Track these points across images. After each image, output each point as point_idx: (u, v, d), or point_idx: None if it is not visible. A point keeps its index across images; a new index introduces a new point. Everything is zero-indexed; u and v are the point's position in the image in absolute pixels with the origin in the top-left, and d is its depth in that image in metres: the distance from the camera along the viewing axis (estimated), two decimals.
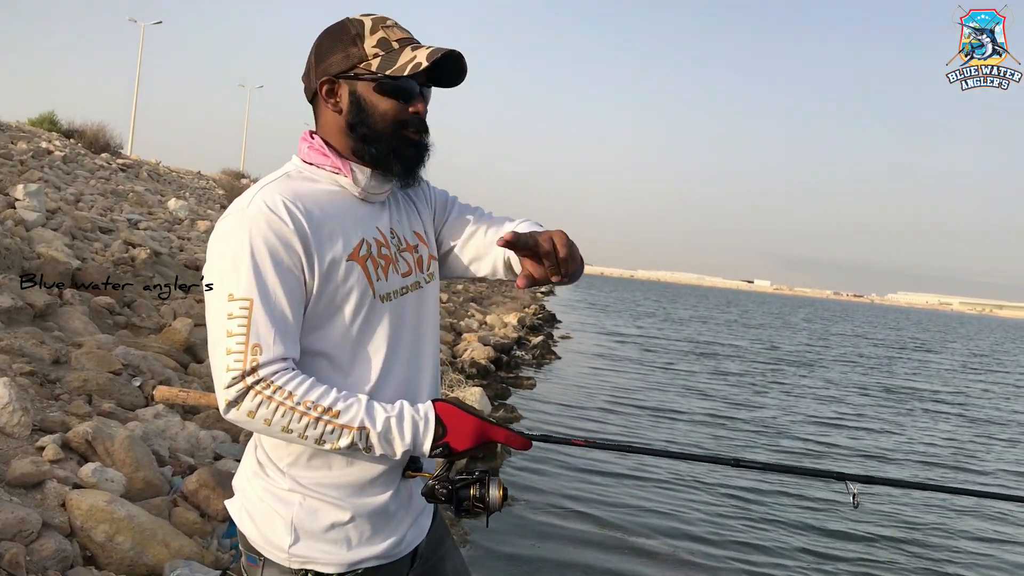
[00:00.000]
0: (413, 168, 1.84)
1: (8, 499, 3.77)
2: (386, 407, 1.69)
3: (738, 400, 15.76)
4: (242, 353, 1.61)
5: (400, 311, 1.86)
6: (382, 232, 1.87)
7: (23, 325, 6.35)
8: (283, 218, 1.68)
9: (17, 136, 19.45)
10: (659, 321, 42.05)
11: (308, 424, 1.62)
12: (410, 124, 1.81)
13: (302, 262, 1.69)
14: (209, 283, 1.68)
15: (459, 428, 1.71)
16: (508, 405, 11.56)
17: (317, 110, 1.86)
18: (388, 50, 1.77)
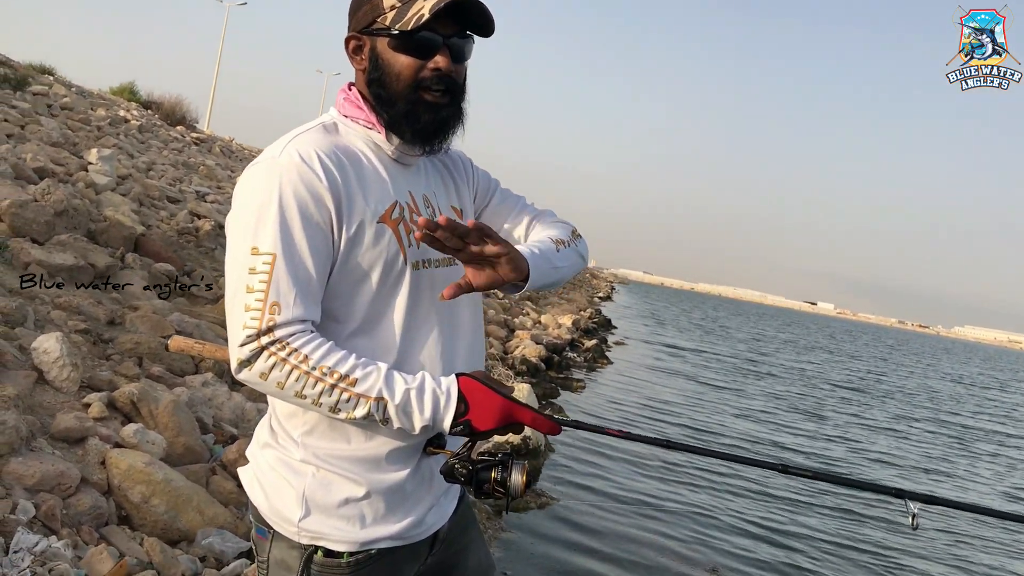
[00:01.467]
0: (429, 135, 1.70)
1: (50, 451, 3.79)
2: (406, 378, 1.58)
3: (791, 423, 15.28)
4: (259, 311, 1.52)
5: (433, 282, 1.74)
6: (415, 198, 1.76)
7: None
8: (316, 171, 1.59)
9: (97, 103, 19.90)
10: (717, 336, 41.45)
11: (323, 391, 1.53)
12: (429, 83, 1.66)
13: (332, 220, 1.60)
14: (232, 232, 1.60)
15: (483, 405, 1.59)
16: (556, 405, 11.47)
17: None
18: (405, 1, 1.64)
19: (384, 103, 1.69)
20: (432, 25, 1.62)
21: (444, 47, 1.66)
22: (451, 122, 1.71)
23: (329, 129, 1.72)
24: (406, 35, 1.63)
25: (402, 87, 1.66)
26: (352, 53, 1.74)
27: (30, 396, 4.13)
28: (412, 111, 1.67)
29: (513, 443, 7.63)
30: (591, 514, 7.25)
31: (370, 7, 1.68)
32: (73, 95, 18.41)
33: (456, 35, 1.67)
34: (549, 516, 6.91)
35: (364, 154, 1.71)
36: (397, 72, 1.66)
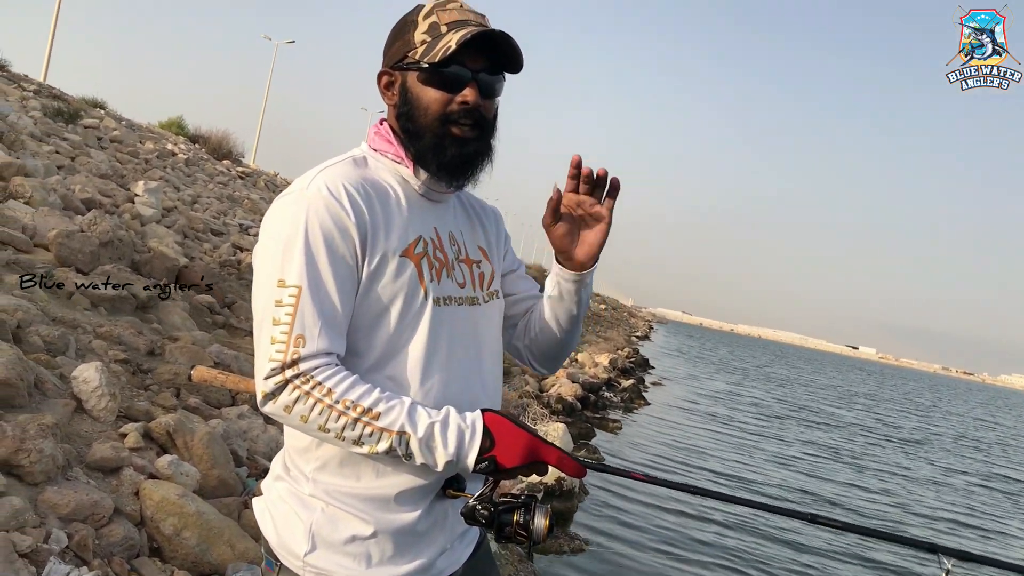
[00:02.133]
0: (455, 169, 1.70)
1: (85, 481, 3.81)
2: (430, 412, 1.57)
3: (828, 471, 14.91)
4: (284, 344, 1.51)
5: (454, 320, 1.73)
6: (440, 234, 1.76)
7: (125, 315, 6.51)
8: (343, 203, 1.59)
9: (146, 136, 20.30)
10: (755, 379, 40.97)
11: (346, 424, 1.52)
12: (457, 117, 1.66)
13: (357, 252, 1.59)
14: (259, 263, 1.60)
15: (508, 442, 1.56)
16: (591, 446, 11.37)
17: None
18: (435, 35, 1.65)
19: (412, 136, 1.69)
20: (461, 59, 1.63)
21: (473, 81, 1.66)
22: (478, 157, 1.71)
23: (358, 162, 1.72)
24: (435, 68, 1.64)
25: (430, 120, 1.67)
26: (384, 89, 1.75)
27: (68, 425, 4.16)
28: (439, 144, 1.67)
29: (546, 484, 7.56)
30: (623, 559, 7.15)
31: (402, 43, 1.69)
32: (123, 128, 18.80)
33: (485, 71, 1.67)
34: (582, 561, 6.82)
35: (392, 188, 1.71)
36: (425, 105, 1.67)
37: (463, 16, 1.67)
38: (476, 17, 1.68)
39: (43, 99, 16.64)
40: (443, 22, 1.66)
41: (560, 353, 1.99)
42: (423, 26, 1.67)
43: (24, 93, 16.34)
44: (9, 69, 19.14)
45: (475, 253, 1.86)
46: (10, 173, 8.56)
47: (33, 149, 10.62)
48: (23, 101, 15.11)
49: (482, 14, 1.71)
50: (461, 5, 1.69)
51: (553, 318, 1.90)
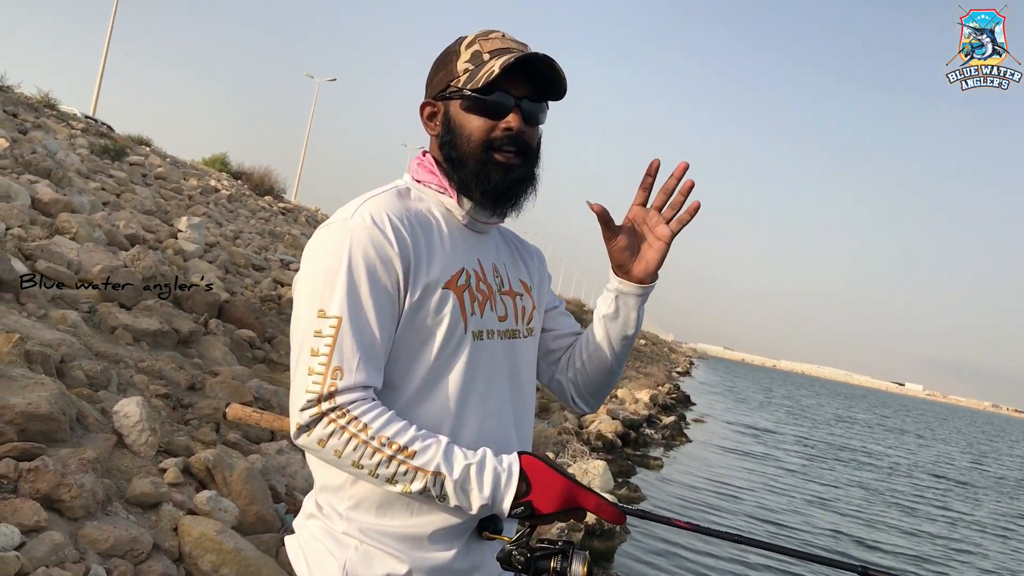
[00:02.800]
0: (498, 196, 1.67)
1: (125, 516, 3.80)
2: (467, 453, 1.53)
3: (877, 516, 14.34)
4: (322, 375, 1.48)
5: (493, 354, 1.70)
6: (483, 266, 1.73)
7: (166, 349, 6.55)
8: (387, 234, 1.56)
9: (190, 173, 20.64)
10: (798, 416, 40.33)
11: (380, 462, 1.48)
12: (500, 143, 1.64)
13: (400, 284, 1.57)
14: (299, 293, 1.58)
15: (545, 487, 1.51)
16: (632, 484, 11.21)
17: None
18: (477, 63, 1.64)
19: (455, 164, 1.67)
20: (504, 86, 1.62)
21: (516, 108, 1.64)
22: (522, 185, 1.68)
23: (402, 193, 1.70)
24: (478, 95, 1.63)
25: (473, 147, 1.64)
26: (426, 119, 1.74)
27: (109, 459, 4.16)
28: (482, 171, 1.64)
29: (587, 523, 7.45)
30: None
31: (445, 72, 1.68)
32: (167, 165, 19.13)
33: (528, 97, 1.66)
34: None
35: (435, 218, 1.69)
36: (468, 133, 1.65)
37: (505, 44, 1.65)
38: (518, 46, 1.67)
39: (90, 137, 16.98)
40: (486, 50, 1.64)
41: (606, 385, 1.93)
42: (465, 55, 1.66)
43: (72, 131, 16.68)
44: (59, 108, 19.58)
45: (517, 286, 1.83)
46: (57, 209, 8.70)
47: (80, 186, 10.81)
48: (72, 139, 15.42)
49: (524, 43, 1.69)
50: (503, 35, 1.68)
51: (605, 339, 1.84)
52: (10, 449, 3.65)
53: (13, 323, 5.23)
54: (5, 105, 14.90)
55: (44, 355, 4.66)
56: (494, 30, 1.69)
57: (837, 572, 1.63)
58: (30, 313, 5.71)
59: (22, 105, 16.35)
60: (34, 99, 18.62)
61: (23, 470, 3.54)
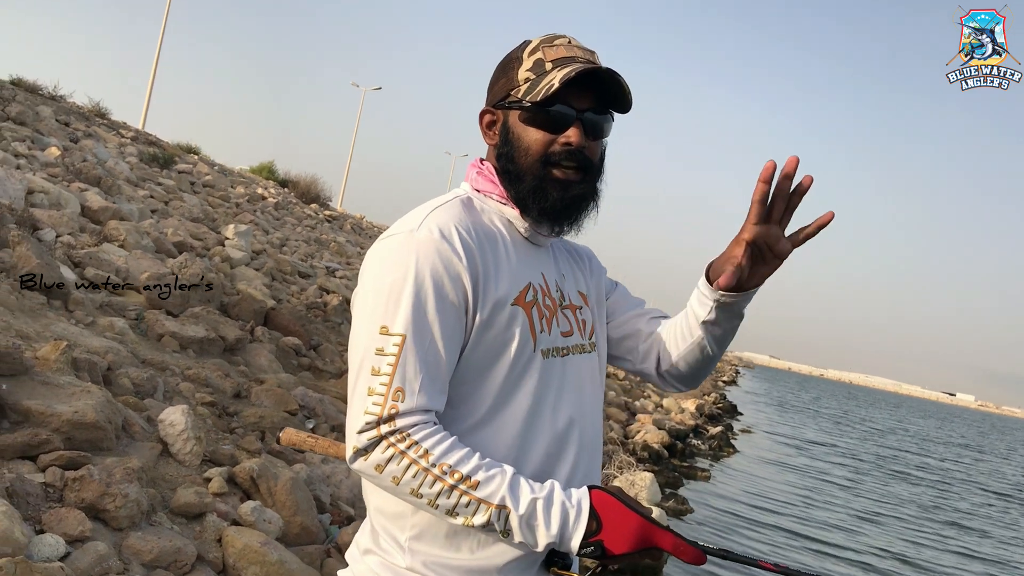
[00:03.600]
0: (557, 214, 1.58)
1: (169, 526, 3.76)
2: (534, 486, 1.42)
3: (935, 535, 13.71)
4: (382, 396, 1.39)
5: (561, 371, 1.60)
6: (547, 280, 1.64)
7: (212, 356, 6.54)
8: (456, 248, 1.47)
9: (237, 181, 20.84)
10: (848, 427, 39.59)
11: (441, 491, 1.38)
12: (559, 158, 1.55)
13: (468, 301, 1.47)
14: (360, 308, 1.49)
15: (617, 525, 1.40)
16: (679, 496, 11.02)
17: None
18: (539, 73, 1.55)
19: (512, 178, 1.59)
20: (566, 98, 1.53)
21: (577, 121, 1.55)
22: (582, 202, 1.59)
23: (466, 204, 1.61)
24: (537, 107, 1.54)
25: (530, 162, 1.56)
26: (485, 127, 1.66)
27: (154, 468, 4.13)
28: (540, 187, 1.56)
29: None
30: None
31: (506, 80, 1.60)
32: (215, 173, 19.33)
33: (591, 110, 1.56)
34: None
35: (500, 231, 1.60)
36: (526, 146, 1.56)
37: (570, 53, 1.56)
38: (584, 54, 1.57)
39: (140, 145, 17.20)
40: (548, 59, 1.55)
41: (705, 370, 1.83)
42: (527, 63, 1.57)
43: (122, 139, 16.91)
44: (109, 116, 19.88)
45: (576, 299, 1.73)
46: (106, 217, 8.77)
47: (129, 194, 10.91)
48: (121, 147, 15.62)
49: (591, 50, 1.60)
50: (569, 41, 1.59)
51: (707, 339, 1.73)
52: (56, 458, 3.63)
53: (62, 330, 5.25)
54: (58, 114, 15.14)
55: (91, 363, 4.66)
56: (560, 36, 1.60)
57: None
58: (78, 320, 5.73)
59: (74, 114, 16.61)
60: (85, 108, 18.93)
61: (69, 479, 3.52)
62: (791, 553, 9.89)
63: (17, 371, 3.97)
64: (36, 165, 9.68)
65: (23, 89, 16.20)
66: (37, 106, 14.56)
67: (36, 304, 5.59)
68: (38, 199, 7.94)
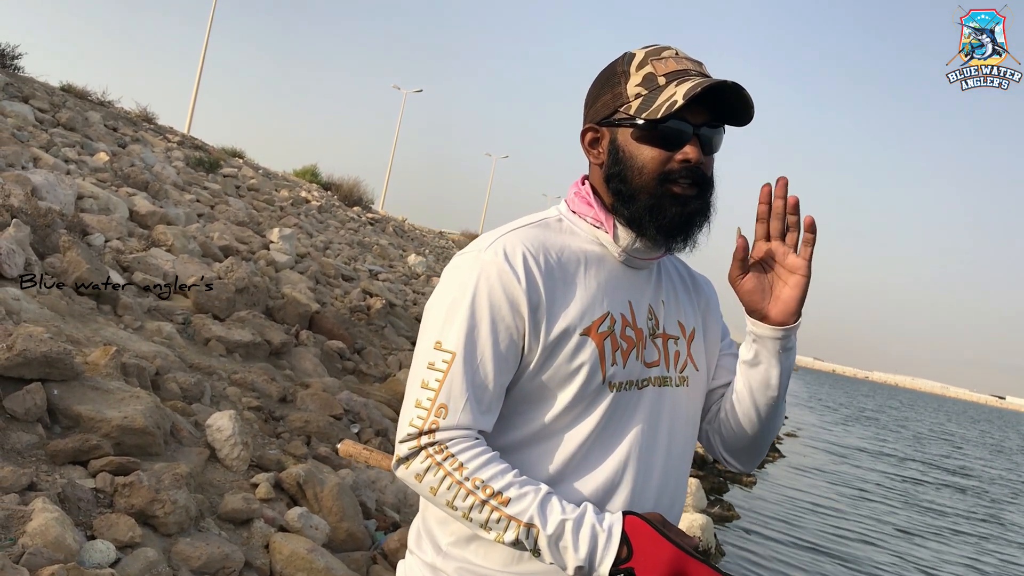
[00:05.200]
0: (674, 231, 1.51)
1: (217, 532, 3.77)
2: (565, 506, 1.40)
3: (1003, 555, 12.74)
4: (427, 410, 1.42)
5: (632, 405, 1.55)
6: (633, 308, 1.57)
7: (258, 361, 6.58)
8: (517, 272, 1.46)
9: (281, 184, 21.01)
10: (894, 432, 38.91)
11: (473, 505, 1.39)
12: (677, 176, 1.49)
13: (525, 327, 1.46)
14: (425, 319, 1.52)
15: (649, 554, 1.36)
16: (725, 502, 10.90)
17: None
18: (652, 88, 1.48)
19: (625, 199, 1.53)
20: (681, 114, 1.47)
21: (694, 137, 1.49)
22: (697, 217, 1.53)
23: (550, 226, 1.58)
24: (653, 124, 1.48)
25: (646, 180, 1.50)
26: (588, 146, 1.60)
27: (201, 474, 4.15)
28: (658, 205, 1.50)
29: None
30: None
31: (611, 96, 1.54)
32: (259, 177, 19.50)
33: (707, 124, 1.51)
34: None
35: (584, 256, 1.56)
36: (641, 164, 1.50)
37: (681, 66, 1.50)
38: (694, 65, 1.52)
39: (186, 150, 17.41)
40: (660, 73, 1.50)
41: (754, 443, 1.69)
42: (636, 78, 1.51)
43: (169, 144, 17.13)
44: (156, 121, 20.14)
45: (673, 328, 1.66)
46: (154, 221, 8.87)
47: (175, 198, 11.03)
48: (168, 152, 15.82)
49: (699, 61, 1.54)
50: (676, 53, 1.53)
51: (747, 390, 1.62)
52: (107, 463, 3.66)
53: (111, 335, 5.29)
54: (106, 120, 15.36)
55: (140, 368, 4.69)
56: (666, 47, 1.54)
57: None
58: (127, 325, 5.78)
59: (122, 119, 16.85)
60: (133, 113, 19.20)
61: (119, 485, 3.54)
62: (840, 567, 9.73)
63: (68, 376, 4.00)
64: (85, 170, 9.82)
65: (73, 95, 16.46)
66: (86, 112, 14.78)
67: (86, 309, 5.65)
68: (87, 204, 8.05)
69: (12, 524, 2.99)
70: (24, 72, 15.19)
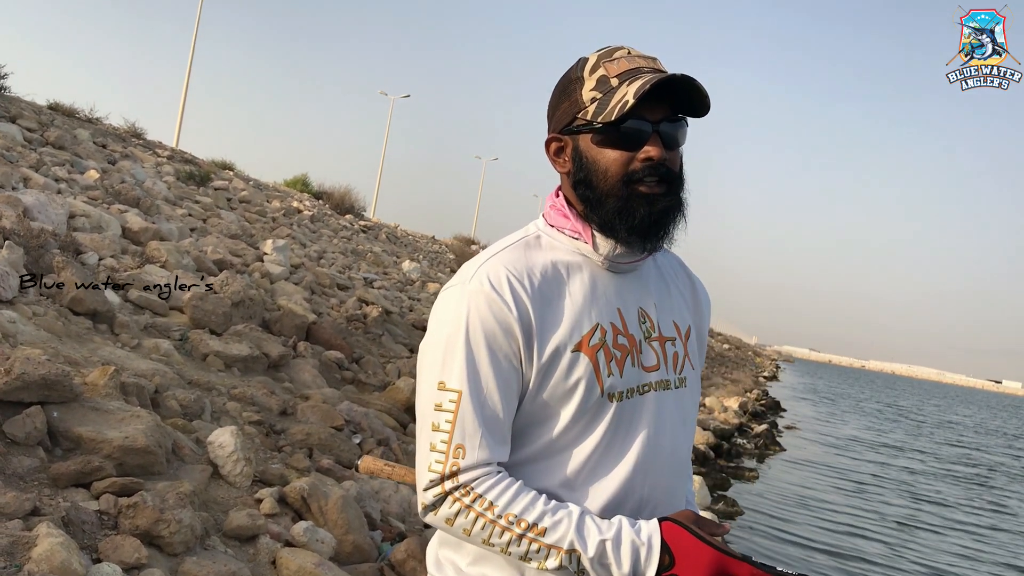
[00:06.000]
0: (645, 231, 1.49)
1: (223, 550, 3.75)
2: (601, 526, 1.41)
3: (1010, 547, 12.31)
4: (444, 454, 1.42)
5: (636, 413, 1.54)
6: (623, 315, 1.56)
7: (257, 374, 6.56)
8: (505, 299, 1.45)
9: (272, 195, 20.96)
10: (892, 420, 38.89)
11: (511, 540, 1.39)
12: (641, 175, 1.47)
13: (520, 351, 1.46)
14: (422, 361, 1.50)
15: (691, 558, 1.37)
16: (728, 498, 10.90)
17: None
18: (605, 90, 1.47)
19: (594, 205, 1.51)
20: (639, 112, 1.45)
21: (654, 134, 1.47)
22: (669, 214, 1.51)
23: (530, 244, 1.57)
24: (611, 127, 1.47)
25: (611, 183, 1.48)
26: (553, 156, 1.59)
27: (205, 491, 4.12)
28: (626, 207, 1.48)
29: None
30: None
31: (569, 104, 1.52)
32: (250, 188, 19.44)
33: (666, 119, 1.48)
34: None
35: (567, 270, 1.54)
36: (604, 168, 1.49)
37: (633, 64, 1.48)
38: (647, 62, 1.50)
39: (176, 164, 17.36)
40: (612, 74, 1.48)
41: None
42: (590, 82, 1.50)
43: (159, 159, 17.08)
44: (145, 137, 20.09)
45: (669, 329, 1.64)
46: (147, 238, 8.84)
47: (168, 213, 11.00)
48: (158, 167, 15.77)
49: (652, 57, 1.52)
50: (629, 52, 1.51)
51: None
52: (110, 484, 3.63)
53: (108, 354, 5.27)
54: (95, 137, 15.30)
55: (139, 386, 4.67)
56: (618, 47, 1.52)
57: None
58: (124, 343, 5.75)
59: (110, 136, 16.80)
60: (121, 129, 19.13)
61: (123, 506, 3.51)
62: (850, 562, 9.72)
63: (67, 398, 3.98)
64: (76, 189, 9.78)
65: (61, 113, 16.40)
66: (75, 129, 14.73)
67: (82, 329, 5.62)
68: (80, 223, 8.01)
69: (17, 550, 2.96)
70: (10, 92, 15.11)
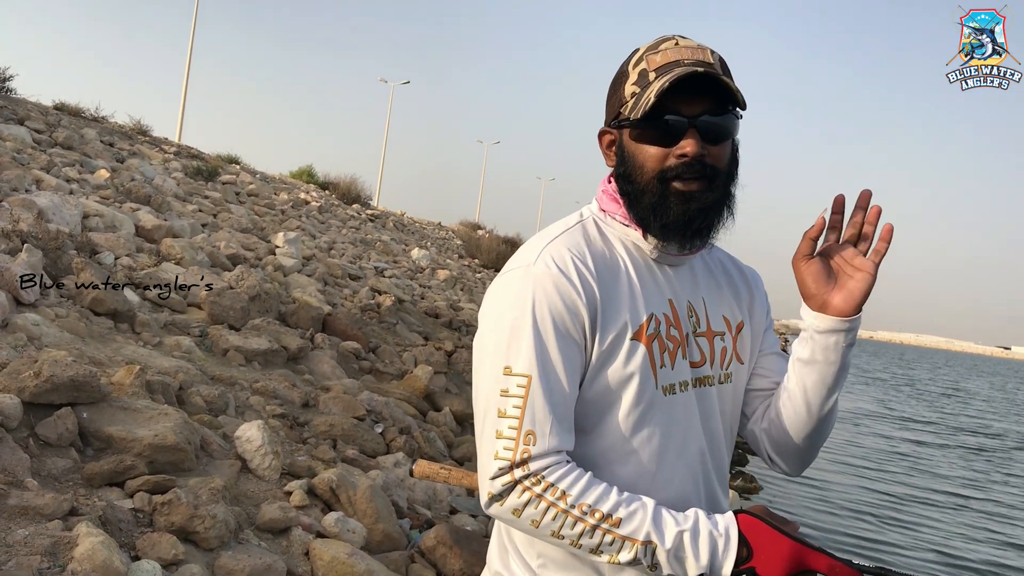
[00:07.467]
0: (680, 229, 1.47)
1: (257, 543, 3.79)
2: (677, 518, 1.38)
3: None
4: (513, 440, 1.37)
5: (685, 407, 1.53)
6: (674, 307, 1.55)
7: (277, 367, 6.60)
8: (572, 280, 1.43)
9: (280, 187, 20.98)
10: (907, 392, 38.78)
11: (583, 532, 1.36)
12: (678, 171, 1.44)
13: (586, 334, 1.43)
14: (481, 348, 1.46)
15: (769, 550, 1.35)
16: (746, 474, 10.92)
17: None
18: (644, 85, 1.45)
19: (632, 199, 1.50)
20: (675, 107, 1.43)
21: (691, 129, 1.44)
22: (708, 213, 1.48)
23: (586, 229, 1.55)
24: (645, 122, 1.45)
25: (647, 179, 1.47)
26: (605, 149, 1.58)
27: (235, 486, 4.17)
28: (660, 204, 1.46)
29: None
30: None
31: (616, 97, 1.52)
32: (258, 181, 19.46)
33: (709, 112, 1.44)
34: None
35: (622, 257, 1.53)
36: (641, 163, 1.48)
37: (677, 56, 1.45)
38: (692, 53, 1.45)
39: (183, 160, 17.38)
40: (652, 68, 1.45)
41: (804, 448, 1.65)
42: (633, 76, 1.48)
43: (166, 155, 17.11)
44: (151, 133, 20.11)
45: (718, 323, 1.63)
46: (160, 235, 8.88)
47: (179, 210, 11.03)
48: (165, 163, 15.80)
49: (702, 47, 1.48)
50: (676, 42, 1.47)
51: (800, 388, 1.58)
52: (143, 483, 3.68)
53: (131, 353, 5.31)
54: (102, 135, 15.33)
55: (164, 384, 4.72)
56: (667, 38, 1.50)
57: None
58: (145, 342, 5.80)
59: (117, 134, 16.82)
60: (127, 127, 19.15)
61: (157, 503, 3.56)
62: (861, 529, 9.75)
63: (96, 399, 4.02)
64: (88, 188, 9.81)
65: (67, 113, 16.43)
66: (81, 129, 14.76)
67: (104, 329, 5.67)
68: (93, 223, 8.05)
69: (59, 551, 3.01)
70: (16, 94, 15.15)
